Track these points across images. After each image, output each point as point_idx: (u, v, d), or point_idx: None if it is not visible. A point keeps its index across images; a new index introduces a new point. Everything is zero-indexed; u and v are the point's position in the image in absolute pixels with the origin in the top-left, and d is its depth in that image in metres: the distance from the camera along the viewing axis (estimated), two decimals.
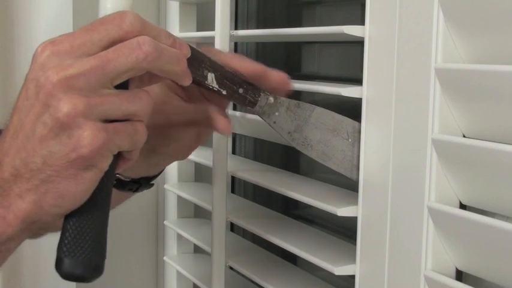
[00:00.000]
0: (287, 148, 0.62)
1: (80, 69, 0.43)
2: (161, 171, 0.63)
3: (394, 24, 0.49)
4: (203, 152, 0.81)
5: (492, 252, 0.43)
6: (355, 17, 0.68)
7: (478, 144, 0.42)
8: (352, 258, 0.54)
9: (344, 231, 0.69)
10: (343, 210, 0.54)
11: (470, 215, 0.43)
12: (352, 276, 0.54)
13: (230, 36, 0.70)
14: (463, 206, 0.47)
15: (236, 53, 0.60)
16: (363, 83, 0.52)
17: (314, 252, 0.58)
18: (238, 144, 0.89)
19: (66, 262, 0.44)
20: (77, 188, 0.44)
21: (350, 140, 0.55)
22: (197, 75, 0.51)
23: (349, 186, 0.59)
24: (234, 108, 0.81)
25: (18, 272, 0.93)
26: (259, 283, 0.66)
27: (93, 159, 0.44)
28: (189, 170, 0.92)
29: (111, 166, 0.46)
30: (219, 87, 0.52)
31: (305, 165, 0.81)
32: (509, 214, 0.44)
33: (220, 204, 0.71)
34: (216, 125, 0.55)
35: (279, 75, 0.55)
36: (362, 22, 0.52)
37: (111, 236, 0.48)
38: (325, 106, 0.58)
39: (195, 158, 0.80)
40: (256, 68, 0.56)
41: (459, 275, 0.48)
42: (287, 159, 0.82)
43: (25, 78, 0.45)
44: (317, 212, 0.60)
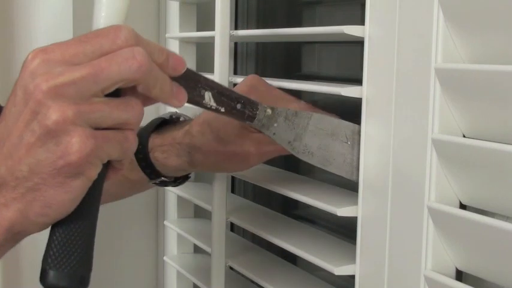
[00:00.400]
0: None
1: (70, 77, 0.42)
2: None
3: (394, 24, 0.49)
4: None
5: (492, 252, 0.43)
6: (355, 17, 0.68)
7: (478, 144, 0.42)
8: (352, 258, 0.54)
9: (344, 231, 0.69)
10: (343, 210, 0.54)
11: (470, 215, 0.43)
12: (352, 276, 0.54)
13: (230, 36, 0.70)
14: (463, 206, 0.47)
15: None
16: (363, 83, 0.52)
17: (314, 252, 0.58)
18: None
19: (51, 274, 0.43)
20: (64, 196, 0.43)
21: (349, 142, 0.55)
22: (194, 95, 0.50)
23: (349, 186, 0.59)
24: None
25: (18, 271, 0.93)
26: (259, 283, 0.66)
27: (81, 167, 0.43)
28: None
29: (99, 175, 0.45)
30: (217, 105, 0.52)
31: (305, 165, 0.81)
32: (509, 214, 0.44)
33: (220, 204, 0.71)
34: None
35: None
36: (362, 22, 0.52)
37: (111, 236, 0.48)
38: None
39: None
40: None
41: (459, 275, 0.48)
42: (287, 159, 0.82)
43: (14, 85, 0.44)
44: (317, 212, 0.60)
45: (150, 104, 0.47)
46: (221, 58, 0.70)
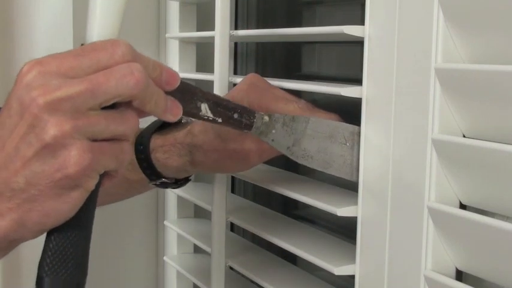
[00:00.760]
0: None
1: (68, 92, 0.42)
2: None
3: (394, 24, 0.49)
4: None
5: (492, 252, 0.43)
6: (355, 17, 0.68)
7: (478, 144, 0.42)
8: (352, 258, 0.54)
9: (344, 231, 0.69)
10: (343, 210, 0.54)
11: (470, 215, 0.43)
12: (352, 276, 0.54)
13: (230, 36, 0.70)
14: (463, 206, 0.47)
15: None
16: (363, 83, 0.52)
17: (314, 252, 0.58)
18: None
19: (47, 281, 0.43)
20: (62, 206, 0.43)
21: (348, 143, 0.55)
22: (190, 108, 0.51)
23: (349, 186, 0.59)
24: None
25: (18, 272, 0.93)
26: (259, 283, 0.66)
27: (79, 179, 0.43)
28: None
29: (96, 184, 0.45)
30: (214, 116, 0.52)
31: (305, 165, 0.81)
32: (509, 214, 0.44)
33: (220, 204, 0.71)
34: None
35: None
36: (362, 22, 0.52)
37: (111, 236, 0.48)
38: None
39: None
40: None
41: (459, 275, 0.48)
42: (287, 159, 0.82)
43: (8, 96, 0.44)
44: (317, 212, 0.60)
45: (146, 116, 0.47)
46: (221, 58, 0.70)
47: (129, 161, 0.47)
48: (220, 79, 0.70)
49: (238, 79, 0.66)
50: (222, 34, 0.70)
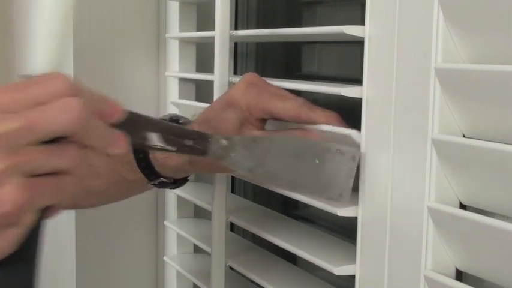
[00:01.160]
0: None
1: (3, 129, 0.40)
2: None
3: (394, 24, 0.49)
4: None
5: (492, 252, 0.43)
6: (355, 17, 0.68)
7: (478, 144, 0.42)
8: (352, 258, 0.54)
9: (344, 231, 0.69)
10: (343, 210, 0.54)
11: (470, 215, 0.43)
12: (352, 276, 0.54)
13: (230, 36, 0.70)
14: (463, 206, 0.47)
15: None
16: (363, 83, 0.52)
17: (314, 252, 0.58)
18: None
19: None
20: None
21: (317, 161, 0.53)
22: (139, 138, 0.49)
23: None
24: None
25: None
26: (259, 283, 0.66)
27: (16, 217, 0.41)
28: None
29: (38, 218, 0.43)
30: (166, 144, 0.51)
31: None
32: (509, 214, 0.44)
33: (220, 204, 0.71)
34: None
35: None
36: (362, 22, 0.52)
37: (111, 236, 0.48)
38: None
39: None
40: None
41: (459, 275, 0.48)
42: None
43: None
44: (317, 212, 0.60)
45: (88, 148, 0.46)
46: (221, 58, 0.70)
47: (70, 194, 0.45)
48: (220, 79, 0.70)
49: (238, 79, 0.66)
50: (222, 34, 0.70)
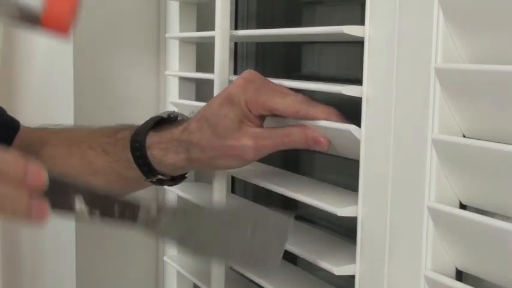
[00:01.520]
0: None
1: None
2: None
3: (394, 24, 0.49)
4: None
5: (492, 252, 0.43)
6: (355, 17, 0.68)
7: (478, 144, 0.42)
8: (352, 258, 0.54)
9: (344, 231, 0.69)
10: (343, 210, 0.54)
11: (470, 215, 0.43)
12: (352, 276, 0.54)
13: (230, 36, 0.70)
14: (463, 206, 0.47)
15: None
16: (363, 83, 0.52)
17: (314, 252, 0.58)
18: None
19: None
20: None
21: (250, 233, 0.52)
22: (64, 204, 0.47)
23: (349, 186, 0.59)
24: None
25: (18, 271, 0.93)
26: (259, 283, 0.66)
27: None
28: None
29: None
30: (92, 208, 0.49)
31: (305, 165, 0.81)
32: (509, 214, 0.44)
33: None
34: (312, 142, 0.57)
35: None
36: (362, 22, 0.52)
37: (111, 236, 0.48)
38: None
39: None
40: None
41: (459, 275, 0.48)
42: (287, 159, 0.82)
43: None
44: (317, 212, 0.60)
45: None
46: (221, 58, 0.70)
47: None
48: (220, 79, 0.70)
49: None
50: (222, 34, 0.70)
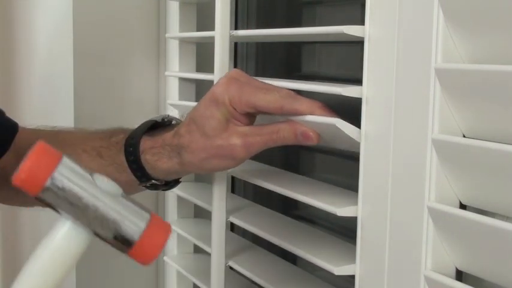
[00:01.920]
0: (287, 148, 0.62)
1: None
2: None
3: (394, 24, 0.49)
4: None
5: (492, 252, 0.43)
6: (355, 17, 0.68)
7: (478, 144, 0.42)
8: (352, 258, 0.54)
9: (344, 231, 0.69)
10: (343, 210, 0.54)
11: (470, 215, 0.43)
12: (352, 276, 0.54)
13: (230, 36, 0.70)
14: (463, 206, 0.47)
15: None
16: (363, 83, 0.52)
17: (314, 252, 0.58)
18: None
19: None
20: None
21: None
22: None
23: (349, 186, 0.59)
24: None
25: (18, 270, 0.93)
26: (259, 283, 0.66)
27: None
28: None
29: None
30: None
31: (305, 165, 0.81)
32: (509, 214, 0.44)
33: (220, 204, 0.71)
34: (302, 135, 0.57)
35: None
36: (362, 22, 0.52)
37: None
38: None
39: None
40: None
41: (459, 275, 0.48)
42: (287, 159, 0.82)
43: None
44: (317, 212, 0.60)
45: None
46: (221, 58, 0.70)
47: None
48: None
49: None
50: (222, 34, 0.70)
